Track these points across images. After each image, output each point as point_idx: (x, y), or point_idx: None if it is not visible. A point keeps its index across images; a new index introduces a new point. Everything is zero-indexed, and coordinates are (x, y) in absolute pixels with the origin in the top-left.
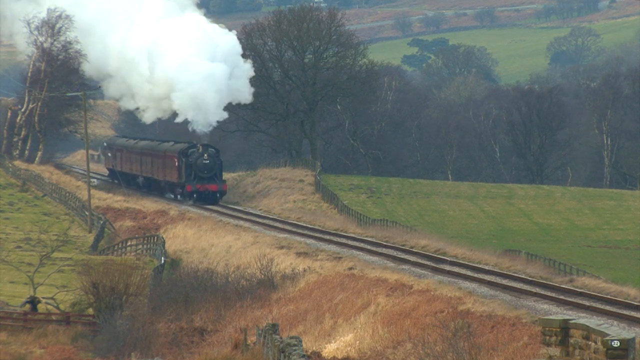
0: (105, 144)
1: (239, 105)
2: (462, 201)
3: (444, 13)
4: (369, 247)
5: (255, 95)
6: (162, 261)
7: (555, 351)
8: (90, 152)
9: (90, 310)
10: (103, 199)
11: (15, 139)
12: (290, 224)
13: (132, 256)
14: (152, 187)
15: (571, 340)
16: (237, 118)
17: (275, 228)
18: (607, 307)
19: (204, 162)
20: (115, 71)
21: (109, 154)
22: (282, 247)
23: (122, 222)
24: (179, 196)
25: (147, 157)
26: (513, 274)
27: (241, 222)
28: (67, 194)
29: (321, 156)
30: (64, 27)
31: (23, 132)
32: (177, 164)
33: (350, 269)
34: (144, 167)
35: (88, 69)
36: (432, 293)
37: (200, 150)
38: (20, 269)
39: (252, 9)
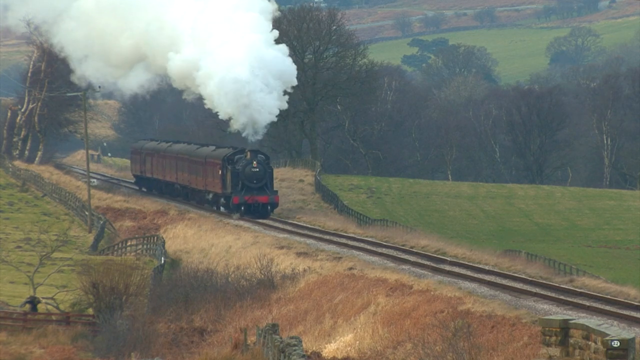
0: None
1: None
2: (462, 201)
3: (444, 13)
4: (369, 247)
5: None
6: (162, 261)
7: (555, 351)
8: (90, 152)
9: (90, 310)
10: (103, 199)
11: (15, 139)
12: (290, 224)
13: (132, 256)
14: (189, 197)
15: (571, 340)
16: None
17: (275, 228)
18: (607, 307)
19: (253, 170)
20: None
21: (137, 159)
22: (282, 247)
23: (122, 222)
24: (222, 208)
25: (184, 162)
26: (513, 274)
27: (241, 222)
28: (67, 194)
29: (321, 156)
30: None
31: (23, 132)
32: (220, 172)
33: (350, 269)
34: (179, 175)
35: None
36: (432, 293)
37: (249, 156)
38: (20, 269)
39: None
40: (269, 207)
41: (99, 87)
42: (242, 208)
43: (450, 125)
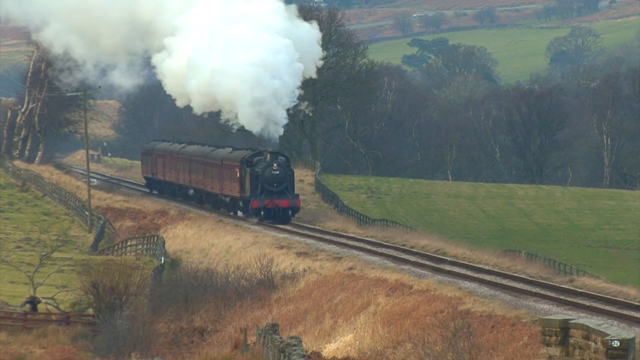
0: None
1: None
2: (462, 201)
3: (444, 13)
4: (369, 247)
5: None
6: (162, 261)
7: (555, 351)
8: (90, 152)
9: (90, 310)
10: (103, 199)
11: (15, 139)
12: (290, 223)
13: (132, 256)
14: (203, 201)
15: (571, 340)
16: None
17: (275, 228)
18: (607, 307)
19: (273, 172)
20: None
21: (148, 160)
22: (282, 247)
23: (122, 222)
24: (239, 213)
25: (198, 165)
26: (513, 274)
27: (241, 222)
28: (67, 194)
29: (321, 156)
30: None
31: (23, 132)
32: (238, 174)
33: (350, 269)
34: (193, 177)
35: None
36: (432, 293)
37: (268, 158)
38: (20, 269)
39: None
40: (289, 212)
41: (99, 86)
42: (262, 213)
43: (450, 125)
